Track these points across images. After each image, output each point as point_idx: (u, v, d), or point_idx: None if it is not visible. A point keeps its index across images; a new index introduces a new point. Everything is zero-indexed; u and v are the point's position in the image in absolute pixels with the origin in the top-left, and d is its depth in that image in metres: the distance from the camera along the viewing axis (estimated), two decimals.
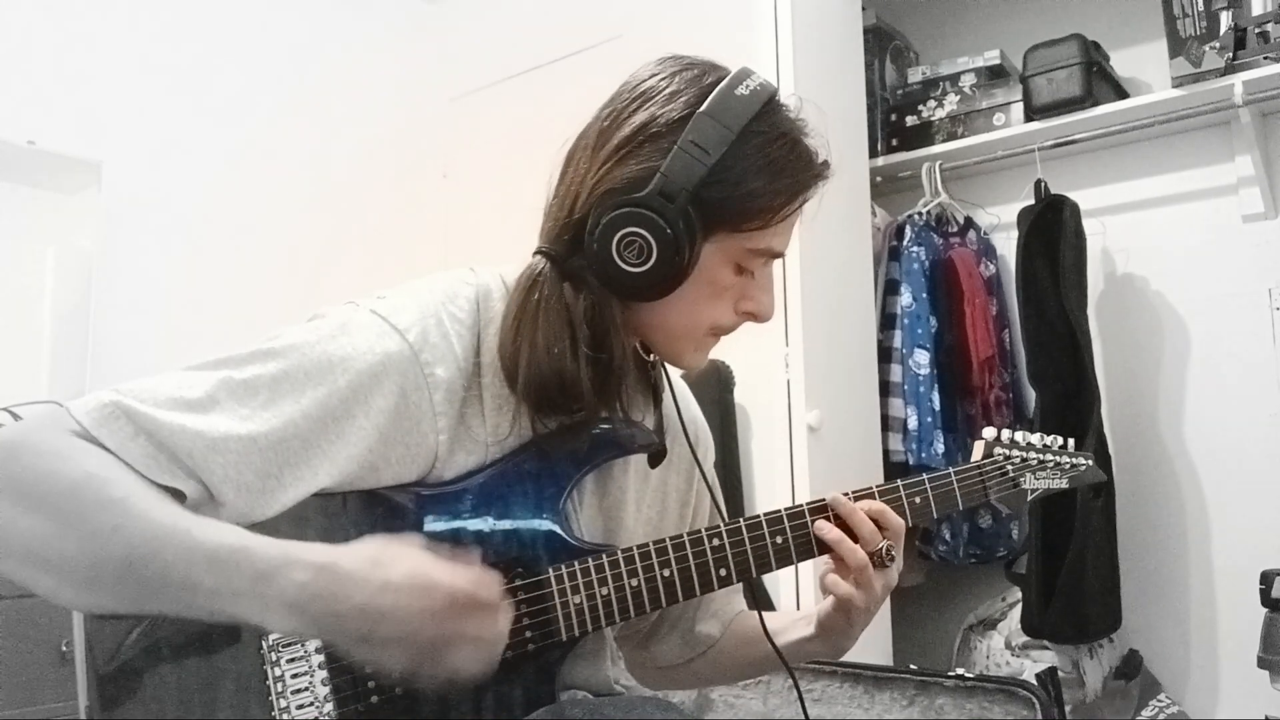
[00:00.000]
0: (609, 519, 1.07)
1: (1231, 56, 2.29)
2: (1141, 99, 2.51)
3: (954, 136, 2.74)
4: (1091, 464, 1.26)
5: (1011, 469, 1.17)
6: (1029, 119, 2.61)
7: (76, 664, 0.85)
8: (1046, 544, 2.36)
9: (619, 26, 2.55)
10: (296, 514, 0.86)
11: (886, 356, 2.56)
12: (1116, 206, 2.67)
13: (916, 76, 2.86)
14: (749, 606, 1.24)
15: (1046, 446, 1.22)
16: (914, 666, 1.81)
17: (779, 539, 1.02)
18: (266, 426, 0.85)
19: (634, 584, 0.97)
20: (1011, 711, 1.66)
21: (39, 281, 2.26)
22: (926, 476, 1.10)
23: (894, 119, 2.83)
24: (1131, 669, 2.45)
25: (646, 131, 0.95)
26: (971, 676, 1.72)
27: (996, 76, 2.75)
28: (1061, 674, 2.32)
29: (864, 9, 2.68)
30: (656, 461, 1.09)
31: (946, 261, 2.66)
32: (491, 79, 2.86)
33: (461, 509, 0.94)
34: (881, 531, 1.03)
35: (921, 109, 2.80)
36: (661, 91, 0.97)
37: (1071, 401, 2.42)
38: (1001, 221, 2.78)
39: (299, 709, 0.86)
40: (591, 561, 0.96)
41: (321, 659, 0.88)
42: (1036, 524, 2.40)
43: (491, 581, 0.82)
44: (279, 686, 0.86)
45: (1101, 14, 2.72)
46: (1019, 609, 2.44)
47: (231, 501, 0.83)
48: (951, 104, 2.76)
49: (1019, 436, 1.20)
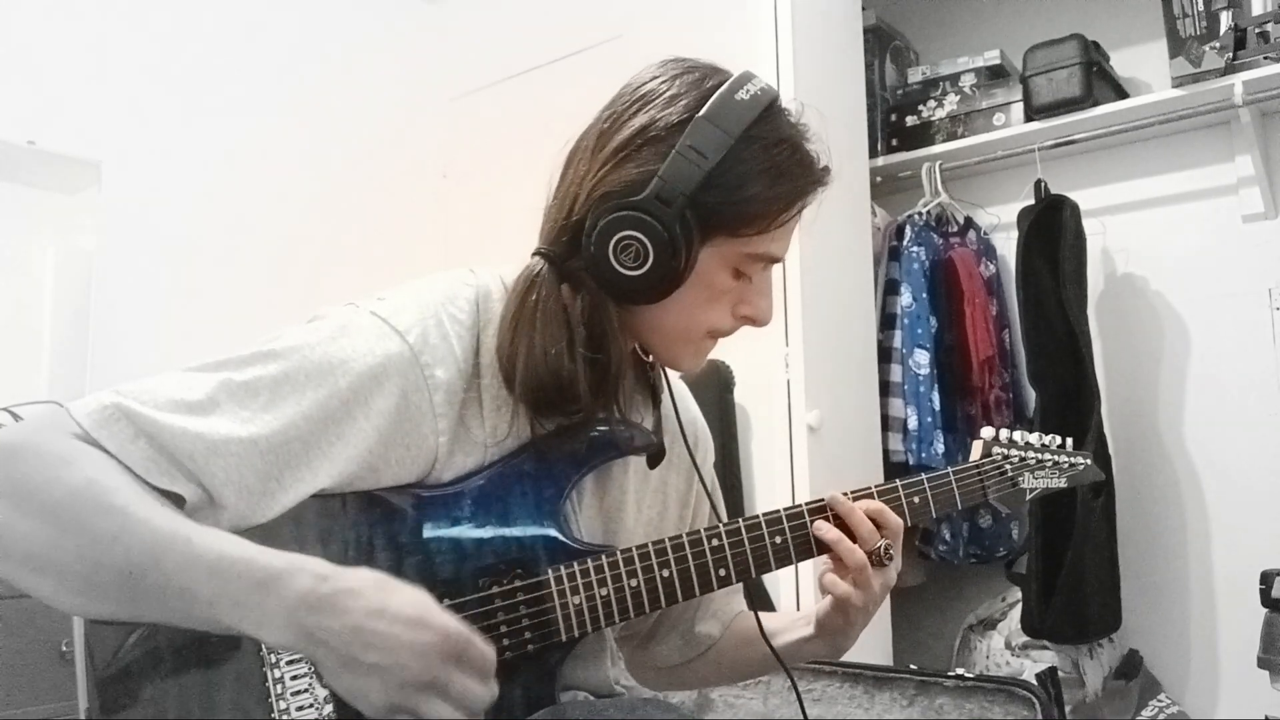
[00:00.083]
0: (609, 520, 1.07)
1: (1231, 56, 2.29)
2: (1141, 99, 2.51)
3: (954, 136, 2.74)
4: (1090, 463, 1.26)
5: (1010, 468, 1.18)
6: (1029, 119, 2.61)
7: (77, 665, 0.85)
8: (1046, 544, 2.36)
9: (619, 26, 2.54)
10: (295, 515, 0.86)
11: (886, 356, 2.56)
12: (1116, 206, 2.67)
13: (916, 76, 2.86)
14: (748, 607, 1.24)
15: (1045, 446, 1.22)
16: (914, 666, 1.81)
17: (778, 539, 1.02)
18: (267, 429, 0.85)
19: (633, 585, 0.97)
20: (1011, 711, 1.66)
21: (39, 281, 2.26)
22: (925, 476, 1.10)
23: (894, 119, 2.83)
24: (1131, 669, 2.45)
25: (645, 135, 0.95)
26: (971, 676, 1.72)
27: (996, 76, 2.75)
28: (1061, 674, 2.32)
29: (864, 9, 2.68)
30: (655, 462, 1.08)
31: (946, 261, 2.66)
32: (491, 79, 2.86)
33: (460, 510, 0.94)
34: (880, 531, 1.03)
35: (921, 109, 2.80)
36: (662, 95, 0.97)
37: (1071, 401, 2.42)
38: (1001, 221, 2.78)
39: (299, 710, 0.86)
40: (591, 562, 0.96)
41: None
42: (1036, 524, 2.40)
43: (487, 646, 0.81)
44: (279, 688, 0.86)
45: (1101, 14, 2.72)
46: (1019, 609, 2.44)
47: (232, 504, 0.83)
48: (951, 104, 2.76)
49: (1017, 436, 1.20)
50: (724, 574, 1.00)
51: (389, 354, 0.91)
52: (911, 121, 2.81)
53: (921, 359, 2.54)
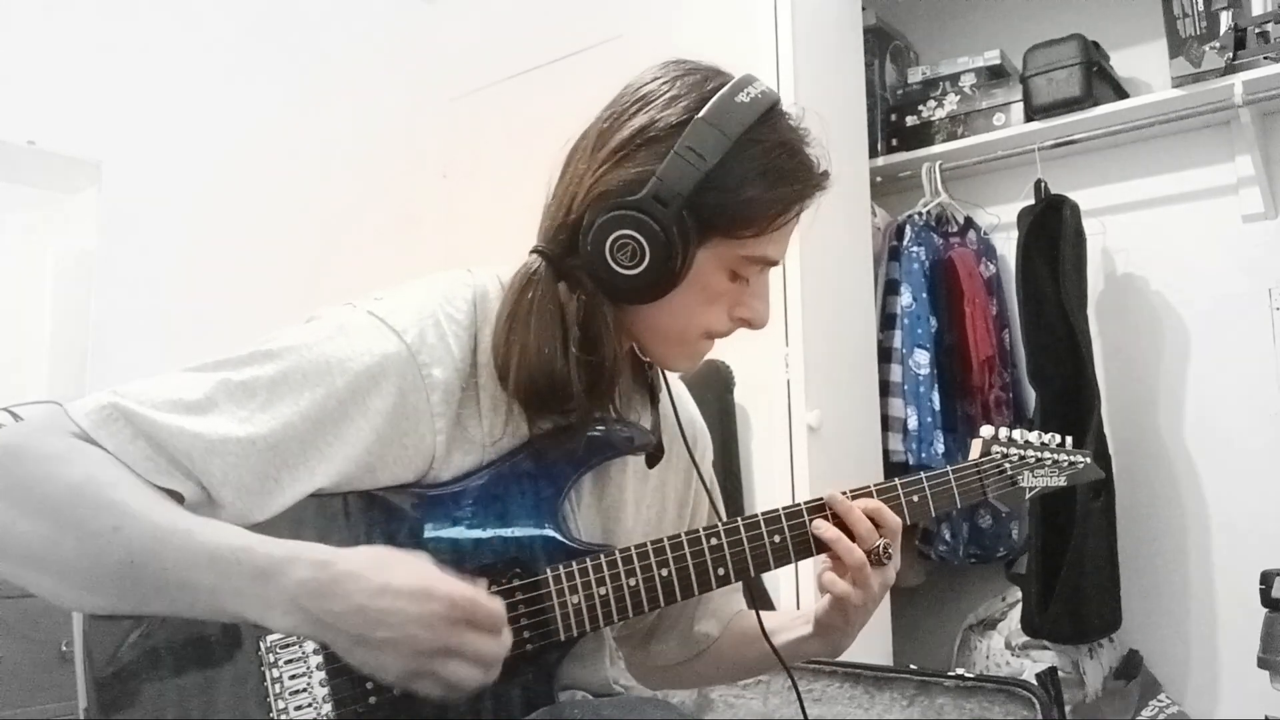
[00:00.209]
0: (608, 519, 1.07)
1: (1231, 56, 2.29)
2: (1141, 99, 2.51)
3: (954, 136, 2.74)
4: (1089, 462, 1.26)
5: (1009, 467, 1.18)
6: (1029, 119, 2.61)
7: (76, 665, 0.85)
8: (1046, 544, 2.36)
9: (619, 26, 2.54)
10: (294, 515, 0.86)
11: (886, 356, 2.56)
12: (1116, 206, 2.66)
13: (916, 76, 2.86)
14: (747, 606, 1.24)
15: (1044, 444, 1.22)
16: (914, 666, 1.80)
17: (777, 538, 1.02)
18: (265, 428, 0.85)
19: (632, 584, 0.97)
20: (1011, 711, 1.66)
21: (39, 281, 2.26)
22: (924, 475, 1.10)
23: (894, 119, 2.83)
24: (1131, 669, 2.45)
25: (644, 135, 0.95)
26: (971, 676, 1.72)
27: (996, 76, 2.75)
28: (1061, 674, 2.32)
29: (864, 9, 2.68)
30: (654, 462, 1.08)
31: (946, 261, 2.66)
32: (491, 79, 2.86)
33: (459, 510, 0.94)
34: (878, 530, 1.03)
35: (921, 109, 2.80)
36: (662, 95, 0.98)
37: (1071, 401, 2.42)
38: (1001, 221, 2.78)
39: (297, 710, 0.86)
40: (590, 561, 0.96)
41: (320, 660, 0.88)
42: (1036, 524, 2.40)
43: (494, 601, 0.82)
44: (277, 688, 0.86)
45: (1101, 14, 2.72)
46: (1019, 609, 2.44)
47: (230, 503, 0.83)
48: (951, 104, 2.76)
49: (1016, 435, 1.20)
50: (723, 573, 1.00)
51: (386, 354, 0.91)
52: (911, 121, 2.81)
53: (921, 359, 2.54)
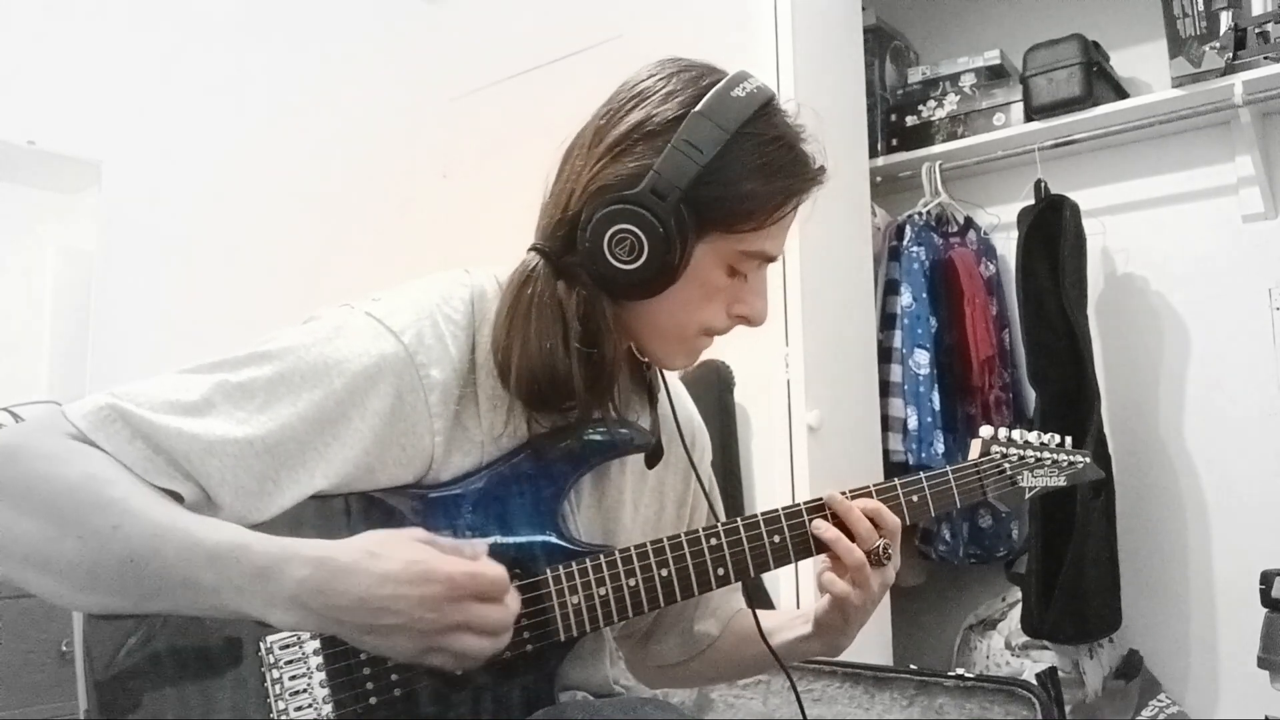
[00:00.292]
0: (608, 520, 1.07)
1: (1231, 56, 2.29)
2: (1141, 99, 2.51)
3: (954, 136, 2.73)
4: (1089, 461, 1.26)
5: (1009, 467, 1.18)
6: (1029, 119, 2.60)
7: (76, 666, 0.85)
8: (1046, 544, 2.36)
9: (619, 26, 2.54)
10: (294, 517, 0.86)
11: (886, 356, 2.56)
12: (1116, 206, 2.66)
13: (916, 76, 2.86)
14: (747, 606, 1.24)
15: (1044, 444, 1.22)
16: (914, 666, 1.80)
17: (776, 538, 1.02)
18: (263, 430, 0.85)
19: (632, 584, 0.97)
20: (1011, 711, 1.66)
21: (39, 281, 2.26)
22: (924, 475, 1.10)
23: (894, 119, 2.83)
24: (1131, 669, 2.45)
25: (641, 130, 0.96)
26: (971, 676, 1.72)
27: (996, 76, 2.75)
28: (1061, 674, 2.32)
29: (864, 9, 2.68)
30: (653, 462, 1.08)
31: (946, 261, 2.66)
32: (491, 79, 2.86)
33: (459, 511, 0.94)
34: (878, 530, 1.03)
35: (921, 109, 2.80)
36: (658, 91, 0.98)
37: (1071, 401, 2.42)
38: (1001, 221, 2.78)
39: (297, 710, 0.86)
40: (589, 562, 0.96)
41: (320, 660, 0.88)
42: (1036, 524, 2.40)
43: (495, 568, 0.82)
44: (277, 689, 0.86)
45: (1101, 14, 2.72)
46: (1019, 609, 2.44)
47: (229, 504, 0.83)
48: (951, 104, 2.76)
49: (1016, 435, 1.20)
50: (722, 573, 1.00)
51: (384, 354, 0.91)
52: (911, 121, 2.80)
53: (921, 359, 2.54)
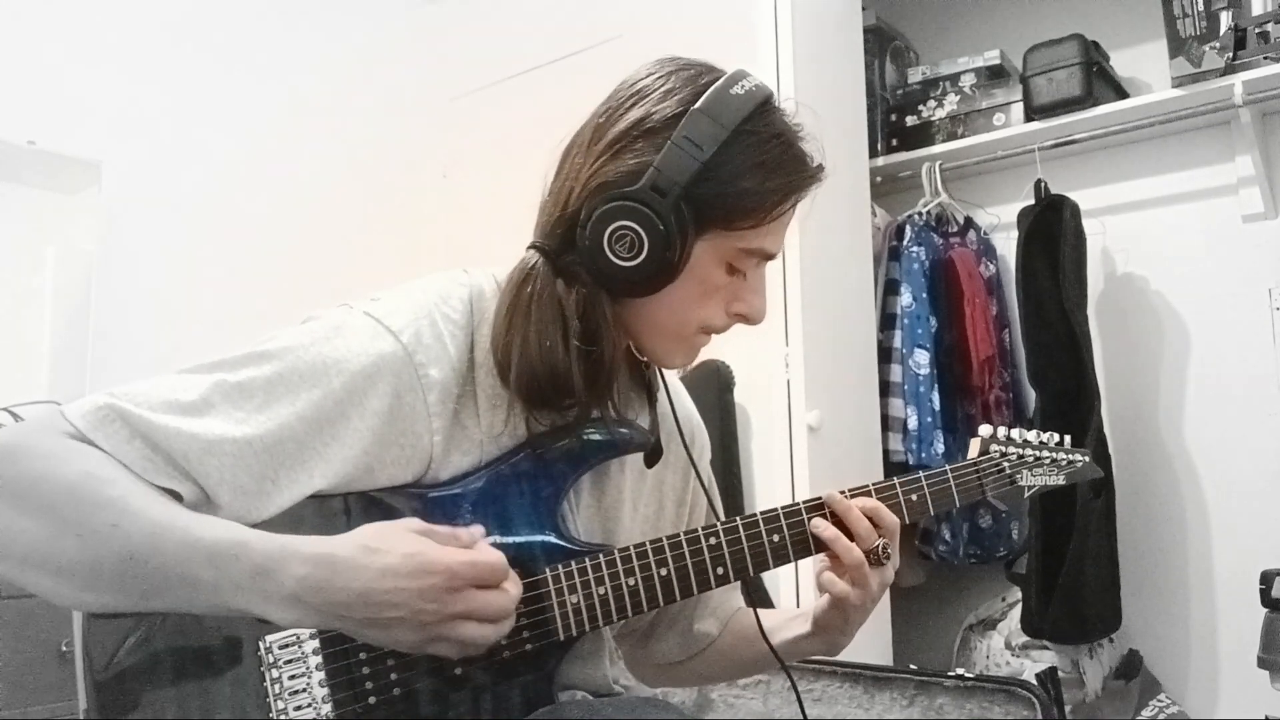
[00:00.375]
0: (607, 519, 1.07)
1: (1231, 56, 2.29)
2: (1141, 99, 2.51)
3: (954, 136, 2.74)
4: (1088, 460, 1.26)
5: (1008, 466, 1.17)
6: (1029, 119, 2.61)
7: (76, 665, 0.85)
8: (1046, 544, 2.36)
9: (619, 26, 2.54)
10: (293, 516, 0.86)
11: (886, 356, 2.56)
12: (1116, 206, 2.66)
13: (916, 76, 2.86)
14: (747, 605, 1.24)
15: (1043, 443, 1.22)
16: (914, 666, 1.80)
17: (775, 537, 1.02)
18: (262, 429, 0.85)
19: (631, 583, 0.97)
20: (1011, 711, 1.65)
21: (39, 281, 2.26)
22: (923, 475, 1.10)
23: (894, 119, 2.83)
24: (1131, 669, 2.45)
25: (641, 127, 0.96)
26: (971, 676, 1.72)
27: (996, 76, 2.75)
28: (1061, 674, 2.32)
29: (864, 9, 2.68)
30: (652, 461, 1.08)
31: (946, 261, 2.66)
32: (491, 79, 2.86)
33: (459, 511, 0.94)
34: (877, 529, 1.03)
35: (921, 109, 2.80)
36: (657, 89, 0.98)
37: (1071, 401, 2.42)
38: (1001, 221, 2.78)
39: (297, 710, 0.86)
40: (589, 561, 0.96)
41: (319, 660, 0.88)
42: (1036, 524, 2.40)
43: (493, 553, 0.83)
44: (276, 688, 0.86)
45: (1101, 14, 2.72)
46: (1019, 609, 2.44)
47: (228, 504, 0.83)
48: (951, 104, 2.76)
49: (1015, 434, 1.20)
50: (722, 572, 1.00)
51: (383, 354, 0.91)
52: (911, 121, 2.80)
53: (921, 359, 2.54)
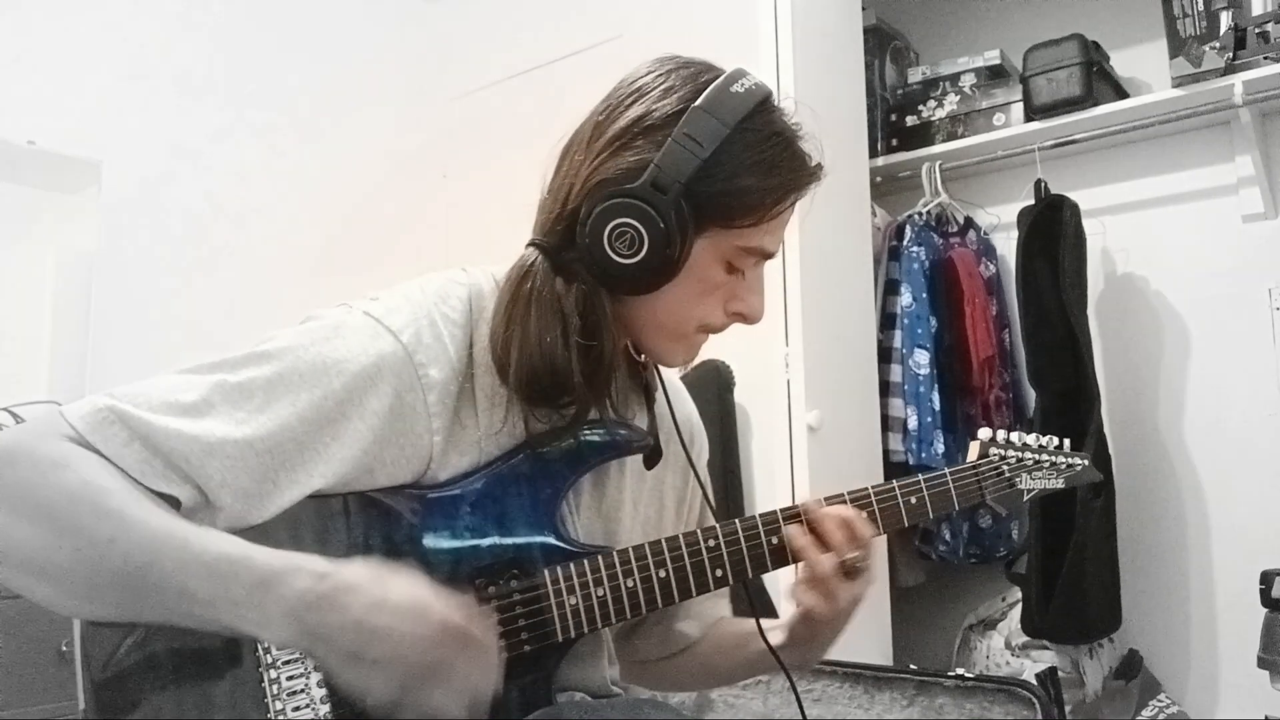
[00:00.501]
0: (608, 521, 1.07)
1: (1231, 56, 2.29)
2: (1141, 99, 2.51)
3: (954, 136, 2.73)
4: (1088, 464, 1.26)
5: (1007, 469, 1.17)
6: (1029, 119, 2.61)
7: (75, 666, 0.85)
8: (1046, 544, 2.36)
9: (619, 26, 2.54)
10: (292, 516, 0.86)
11: (886, 356, 2.56)
12: (1116, 206, 2.66)
13: (916, 76, 2.86)
14: (748, 607, 1.24)
15: (1042, 447, 1.22)
16: (914, 666, 1.80)
17: (774, 539, 1.02)
18: (263, 430, 0.85)
19: (630, 585, 0.97)
20: (1011, 711, 1.65)
21: (39, 281, 2.26)
22: (922, 477, 1.10)
23: (894, 119, 2.83)
24: (1131, 669, 2.45)
25: (641, 125, 0.96)
26: (971, 676, 1.72)
27: (996, 76, 2.75)
28: (1061, 674, 2.32)
29: (864, 9, 2.68)
30: (652, 462, 1.08)
31: (946, 261, 2.66)
32: (491, 79, 2.86)
33: (457, 512, 0.94)
34: (852, 541, 1.01)
35: (921, 109, 2.80)
36: (657, 87, 0.98)
37: (1071, 402, 2.42)
38: (1001, 221, 2.78)
39: (295, 711, 0.86)
40: (587, 563, 0.96)
41: None
42: (1036, 524, 2.40)
43: (486, 622, 0.82)
44: (275, 689, 0.86)
45: (1101, 14, 2.72)
46: (1019, 609, 2.44)
47: (228, 506, 0.83)
48: (951, 104, 2.76)
49: (1015, 437, 1.20)
50: (720, 575, 1.00)
51: (383, 354, 0.91)
52: (911, 121, 2.80)
53: (921, 359, 2.54)
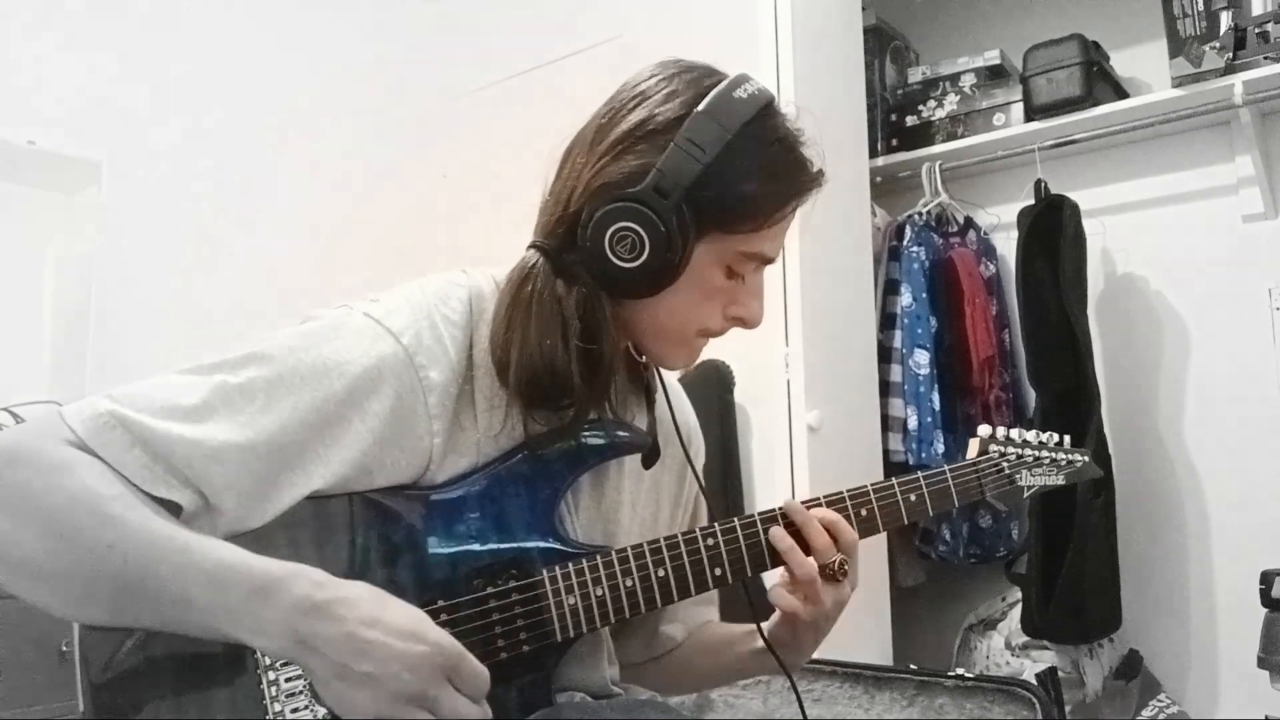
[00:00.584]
0: (607, 521, 1.07)
1: (1231, 56, 2.29)
2: (1141, 99, 2.51)
3: (954, 136, 2.73)
4: (1088, 460, 1.26)
5: (1007, 466, 1.18)
6: (1029, 119, 2.60)
7: (75, 666, 0.85)
8: (1046, 544, 2.36)
9: (619, 26, 2.54)
10: (290, 517, 0.86)
11: (886, 356, 2.56)
12: (1116, 206, 2.66)
13: (916, 76, 2.86)
14: (749, 607, 1.23)
15: (1042, 444, 1.22)
16: (914, 666, 1.80)
17: None
18: (264, 433, 0.85)
19: (629, 584, 0.97)
20: (1011, 711, 1.65)
21: (39, 281, 2.26)
22: (922, 475, 1.10)
23: (894, 119, 2.83)
24: (1131, 669, 2.45)
25: (644, 129, 0.96)
26: (971, 676, 1.72)
27: (996, 76, 2.75)
28: (1061, 674, 2.32)
29: (864, 9, 2.67)
30: (650, 463, 1.08)
31: (946, 261, 2.66)
32: (491, 79, 2.86)
33: (457, 513, 0.94)
34: (836, 545, 1.01)
35: (921, 109, 2.79)
36: (660, 91, 0.98)
37: (1071, 402, 2.42)
38: (1001, 221, 2.78)
39: (293, 712, 0.86)
40: (586, 563, 0.96)
41: None
42: (1036, 524, 2.40)
43: (480, 667, 0.81)
44: (273, 690, 0.86)
45: (1101, 14, 2.72)
46: (1019, 609, 2.44)
47: (231, 509, 0.83)
48: (951, 104, 2.75)
49: (1014, 434, 1.20)
50: (720, 573, 1.00)
51: (383, 356, 0.91)
52: (911, 121, 2.80)
53: (921, 359, 2.54)
